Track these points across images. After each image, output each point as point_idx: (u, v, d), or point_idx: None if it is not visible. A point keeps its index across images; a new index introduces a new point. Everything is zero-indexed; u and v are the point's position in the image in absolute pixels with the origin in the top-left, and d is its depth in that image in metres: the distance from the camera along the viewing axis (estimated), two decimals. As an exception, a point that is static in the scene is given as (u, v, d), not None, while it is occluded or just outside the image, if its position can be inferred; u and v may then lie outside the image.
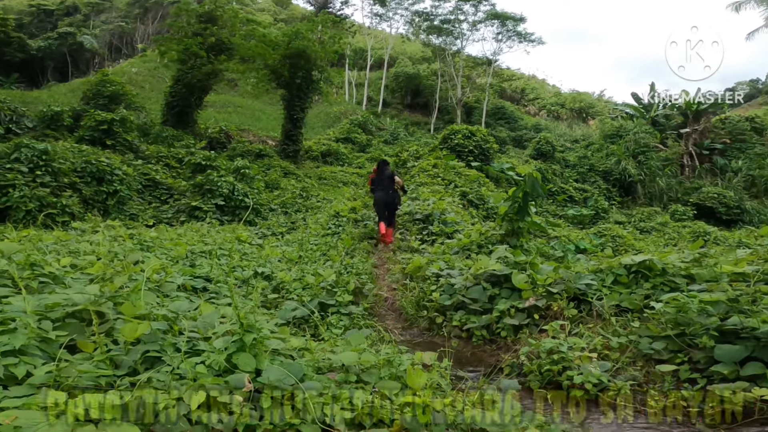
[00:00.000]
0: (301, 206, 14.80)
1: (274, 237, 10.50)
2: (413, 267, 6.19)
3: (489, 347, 4.20)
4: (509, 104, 49.81)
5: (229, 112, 35.19)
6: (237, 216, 11.99)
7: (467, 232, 7.97)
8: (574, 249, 10.86)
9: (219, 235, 8.50)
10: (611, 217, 21.55)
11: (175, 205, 12.16)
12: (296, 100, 22.94)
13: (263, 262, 6.64)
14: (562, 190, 23.88)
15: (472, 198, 13.88)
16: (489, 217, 13.00)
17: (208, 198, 12.18)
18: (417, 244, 8.33)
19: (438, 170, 16.49)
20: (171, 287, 3.83)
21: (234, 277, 5.35)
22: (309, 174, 21.85)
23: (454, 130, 21.76)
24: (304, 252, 7.83)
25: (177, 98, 21.97)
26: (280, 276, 5.58)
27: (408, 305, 5.36)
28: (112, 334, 2.39)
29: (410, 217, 10.27)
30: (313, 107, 29.22)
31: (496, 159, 22.66)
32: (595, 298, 3.95)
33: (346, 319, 4.59)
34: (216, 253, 6.27)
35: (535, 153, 27.52)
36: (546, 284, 4.30)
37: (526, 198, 7.00)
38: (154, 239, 6.88)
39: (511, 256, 5.28)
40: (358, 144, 33.14)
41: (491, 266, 4.87)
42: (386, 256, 8.30)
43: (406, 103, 50.46)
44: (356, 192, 16.28)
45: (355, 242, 8.82)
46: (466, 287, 4.85)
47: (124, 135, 14.83)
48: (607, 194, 25.02)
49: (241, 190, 12.87)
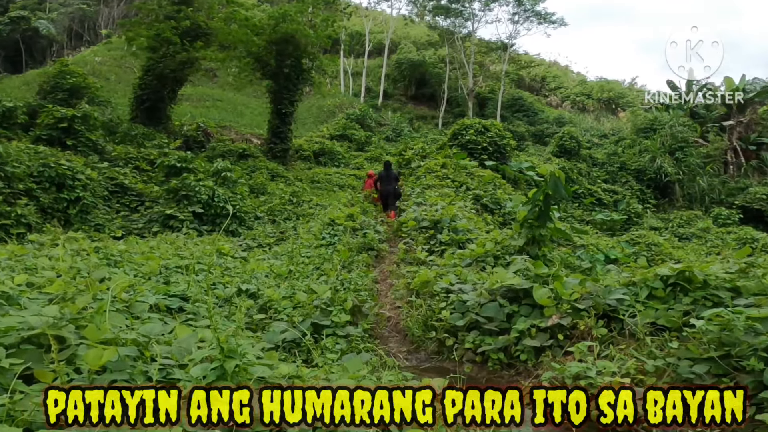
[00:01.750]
0: (290, 213, 14.84)
1: (260, 249, 10.54)
2: (420, 282, 6.22)
3: (507, 372, 4.20)
4: (528, 95, 50.00)
5: (208, 107, 35.35)
6: (217, 225, 12.03)
7: (481, 241, 8.00)
8: (604, 259, 10.86)
9: (197, 248, 8.53)
10: (645, 222, 21.56)
11: (147, 214, 12.18)
12: (284, 93, 23.04)
13: (248, 277, 6.70)
14: (589, 192, 23.90)
15: (487, 202, 13.91)
16: (506, 223, 13.05)
17: (185, 205, 12.21)
18: (424, 256, 8.34)
19: (447, 171, 16.52)
20: (142, 308, 3.83)
21: (214, 296, 5.38)
22: (300, 177, 21.84)
23: (465, 125, 21.85)
24: (295, 266, 7.87)
25: (147, 91, 22.08)
26: (268, 293, 5.62)
27: (414, 325, 5.37)
28: (74, 362, 2.40)
29: (416, 225, 10.28)
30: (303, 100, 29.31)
31: (514, 157, 22.70)
32: (627, 315, 3.96)
33: (343, 342, 4.61)
34: (194, 268, 6.31)
35: (558, 150, 27.57)
36: (571, 300, 4.31)
37: (547, 201, 7.03)
38: (123, 253, 6.92)
39: (531, 268, 5.31)
40: (356, 142, 33.22)
41: (509, 280, 4.90)
42: (389, 269, 8.31)
43: (410, 94, 50.65)
44: (354, 196, 16.29)
45: (353, 254, 8.85)
46: (480, 304, 4.87)
47: (86, 134, 14.88)
48: (640, 196, 25.03)
49: (222, 195, 12.91)
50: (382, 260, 9.46)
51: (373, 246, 9.66)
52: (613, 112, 49.53)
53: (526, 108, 46.06)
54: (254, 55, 22.02)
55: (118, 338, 2.59)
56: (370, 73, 49.35)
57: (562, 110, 49.83)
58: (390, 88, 49.75)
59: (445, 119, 44.37)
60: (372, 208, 14.34)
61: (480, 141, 20.79)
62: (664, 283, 4.11)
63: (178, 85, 23.45)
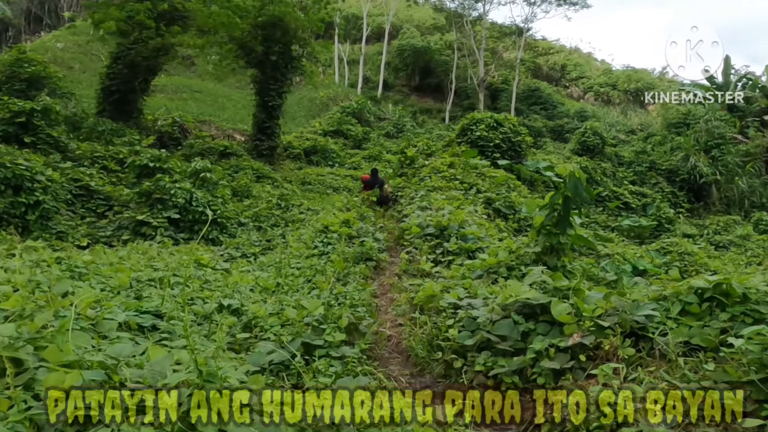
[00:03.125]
0: (278, 219, 14.84)
1: (244, 259, 10.54)
2: (424, 296, 6.22)
3: (522, 398, 4.19)
4: (546, 85, 50.19)
5: (185, 99, 35.42)
6: (196, 233, 12.01)
7: (493, 250, 8.01)
8: (631, 270, 10.88)
9: (172, 258, 8.54)
10: (678, 228, 21.57)
11: (116, 220, 12.17)
12: (271, 83, 23.07)
13: (230, 291, 6.72)
14: (614, 195, 23.92)
15: (500, 206, 13.92)
16: (521, 230, 13.03)
17: (158, 210, 12.18)
18: (429, 267, 8.35)
19: (455, 171, 16.54)
20: (110, 326, 3.84)
21: (192, 312, 5.38)
22: (289, 178, 21.83)
23: (476, 120, 21.89)
24: (284, 278, 7.88)
25: (116, 81, 22.06)
26: (253, 310, 5.63)
27: (418, 345, 5.38)
28: (33, 387, 2.39)
29: (420, 232, 10.31)
30: (293, 92, 29.34)
31: (530, 156, 22.73)
32: (657, 333, 3.96)
33: (337, 364, 4.60)
34: (169, 282, 6.29)
35: (580, 147, 27.63)
36: (594, 316, 4.31)
37: (567, 205, 7.05)
38: (88, 264, 6.90)
39: (549, 281, 5.32)
40: (352, 138, 33.29)
41: (524, 294, 4.90)
42: (390, 282, 8.34)
43: (413, 84, 50.77)
44: (350, 200, 16.31)
45: (349, 265, 8.86)
46: (492, 321, 4.87)
47: (47, 130, 14.88)
48: (672, 199, 25.06)
49: (201, 199, 12.92)
50: (381, 272, 9.46)
51: (372, 256, 9.66)
52: (642, 105, 49.68)
53: (544, 100, 46.23)
54: (237, 40, 22.05)
55: (83, 360, 2.59)
56: (369, 61, 49.52)
57: (584, 103, 50.03)
58: (391, 77, 49.88)
59: (452, 113, 44.51)
60: (371, 213, 14.36)
61: (492, 137, 20.80)
62: (699, 298, 4.10)
63: (151, 75, 23.44)
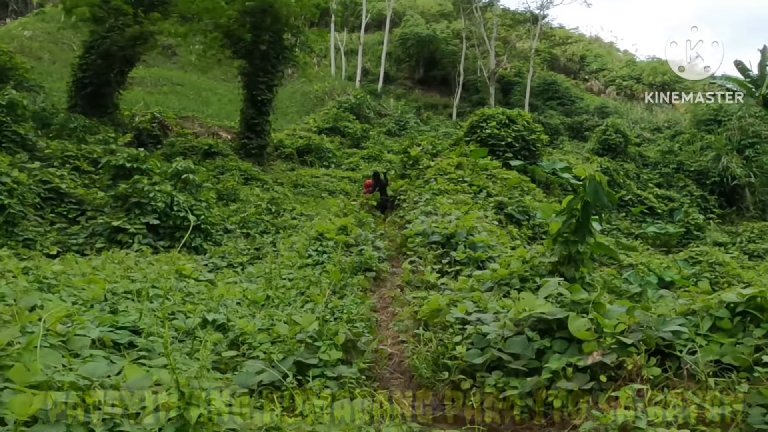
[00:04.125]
0: (268, 225, 14.86)
1: (230, 270, 10.55)
2: (429, 310, 6.24)
3: (537, 422, 4.20)
4: (563, 78, 50.24)
5: (165, 93, 35.43)
6: (177, 240, 12.02)
7: (505, 260, 8.02)
8: (656, 282, 10.88)
9: (151, 268, 8.54)
10: (708, 236, 21.55)
11: (89, 226, 12.18)
12: (261, 75, 23.09)
13: (215, 305, 6.72)
14: (638, 199, 23.94)
15: (512, 211, 13.94)
16: (536, 237, 13.09)
17: (136, 215, 12.19)
18: (434, 278, 8.34)
19: (463, 172, 16.55)
20: (82, 343, 3.85)
21: (173, 328, 5.40)
22: (280, 180, 21.85)
23: (486, 116, 21.92)
24: (274, 291, 7.88)
25: (90, 73, 22.10)
26: (240, 325, 5.63)
27: (422, 364, 5.38)
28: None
29: (424, 240, 10.32)
30: (285, 85, 29.34)
31: (546, 156, 22.73)
32: (685, 351, 3.96)
33: (333, 384, 4.62)
34: (147, 294, 6.31)
35: (601, 147, 27.63)
36: (616, 333, 4.32)
37: (587, 210, 7.05)
38: (59, 275, 6.91)
39: (566, 293, 5.34)
40: (350, 136, 33.34)
41: (539, 308, 4.91)
42: (391, 294, 8.35)
43: (417, 77, 50.83)
44: (347, 204, 16.30)
45: (347, 276, 8.86)
46: (504, 338, 4.89)
47: (13, 126, 14.91)
48: (701, 204, 25.05)
49: (183, 203, 12.94)
50: (382, 283, 9.49)
51: (372, 266, 9.69)
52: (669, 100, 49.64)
53: (561, 95, 46.27)
54: (223, 28, 22.07)
55: (52, 381, 2.59)
56: (368, 51, 49.60)
57: (605, 98, 50.04)
58: (392, 70, 49.94)
59: (460, 108, 44.56)
60: (370, 218, 14.35)
61: (504, 135, 20.82)
62: (731, 312, 4.11)
63: (128, 66, 23.48)
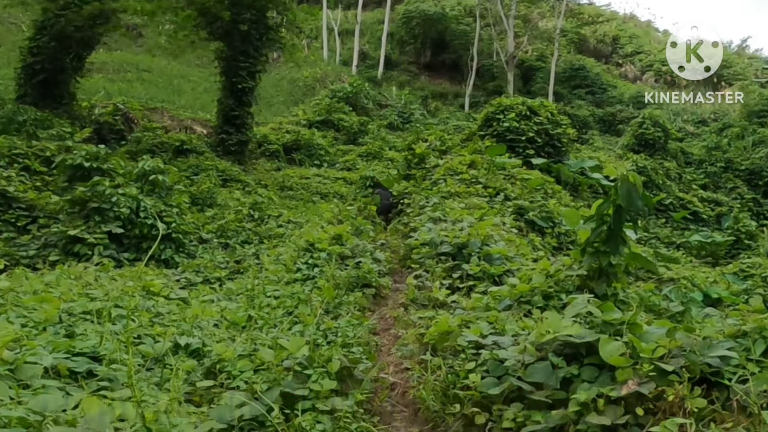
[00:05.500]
0: (251, 234, 14.84)
1: (206, 286, 10.51)
2: (437, 332, 6.18)
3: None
4: (593, 63, 50.27)
5: (130, 81, 35.46)
6: (144, 251, 11.97)
7: (525, 274, 7.99)
8: (701, 299, 10.87)
9: (114, 285, 8.46)
10: (762, 245, 21.47)
11: (41, 236, 12.14)
12: (241, 60, 23.09)
13: (188, 327, 6.68)
14: (680, 203, 23.90)
15: (534, 217, 13.91)
16: (561, 247, 13.11)
17: (96, 223, 12.11)
18: (443, 295, 8.26)
19: (477, 172, 16.50)
20: (33, 371, 3.84)
21: (138, 354, 5.36)
22: (264, 181, 21.87)
23: (504, 107, 21.88)
24: (257, 310, 7.83)
25: (42, 58, 22.07)
26: (217, 350, 5.59)
27: (429, 396, 5.35)
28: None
29: (432, 250, 10.29)
30: (269, 71, 29.43)
31: (573, 153, 22.69)
32: (735, 379, 3.93)
33: (326, 420, 4.58)
34: (109, 315, 6.28)
35: (637, 142, 27.63)
36: (655, 358, 4.28)
37: (620, 216, 7.01)
38: (6, 293, 6.87)
39: (597, 313, 5.27)
40: (345, 130, 33.37)
41: (565, 329, 4.88)
42: (393, 314, 8.31)
43: (423, 62, 50.88)
44: (342, 210, 16.26)
45: (342, 293, 8.82)
46: (525, 365, 4.86)
47: (-49, 121, 14.96)
48: (753, 208, 25.02)
49: (152, 209, 12.88)
50: (383, 301, 9.47)
51: (371, 281, 9.64)
52: (715, 88, 49.66)
53: (591, 82, 46.29)
54: (197, 4, 22.01)
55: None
56: (366, 31, 49.74)
57: (642, 85, 50.04)
58: (395, 53, 50.01)
59: (474, 98, 44.59)
60: (369, 226, 14.31)
61: (524, 129, 20.78)
62: (789, 335, 4.08)
63: (86, 50, 23.50)
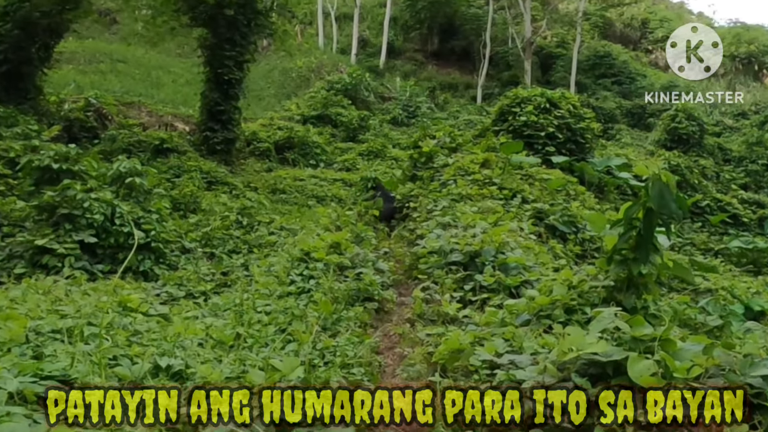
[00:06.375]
0: (239, 243, 14.87)
1: (190, 300, 10.53)
2: (448, 351, 6.18)
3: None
4: (620, 49, 50.18)
5: (104, 72, 35.52)
6: (120, 263, 11.80)
7: (546, 285, 7.97)
8: (743, 312, 10.86)
9: (87, 300, 8.44)
10: (809, 253, 21.43)
11: (6, 246, 12.12)
12: (227, 49, 23.12)
13: (170, 347, 6.62)
14: (718, 205, 23.90)
15: (555, 222, 13.87)
16: (585, 255, 13.05)
17: (67, 231, 12.11)
18: (454, 309, 8.29)
19: (491, 172, 16.44)
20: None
21: (114, 377, 5.24)
22: (253, 183, 21.94)
23: (520, 99, 21.82)
24: (246, 327, 7.83)
25: (5, 47, 22.08)
26: (202, 372, 5.56)
27: (439, 422, 5.21)
28: None
29: (441, 260, 10.27)
30: (259, 61, 29.47)
31: (598, 150, 22.65)
32: (783, 403, 3.92)
33: (323, 451, 4.54)
34: (81, 333, 6.29)
35: (669, 138, 27.71)
36: (691, 378, 4.27)
37: (651, 220, 6.98)
38: (-34, 309, 6.91)
39: (625, 328, 5.24)
40: (344, 126, 33.44)
41: (590, 347, 4.84)
42: (398, 331, 8.32)
43: (430, 49, 51.01)
44: (341, 215, 16.25)
45: (341, 307, 8.80)
46: (545, 386, 4.76)
47: None
48: (801, 210, 24.96)
49: (128, 215, 12.88)
50: (386, 317, 9.45)
51: (373, 294, 9.65)
52: (756, 77, 49.61)
53: (617, 70, 46.21)
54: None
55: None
56: (367, 16, 49.88)
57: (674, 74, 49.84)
58: (398, 40, 50.10)
59: (487, 89, 44.62)
60: (371, 232, 14.27)
61: (544, 124, 20.70)
62: (843, 352, 4.08)
63: (54, 38, 23.57)
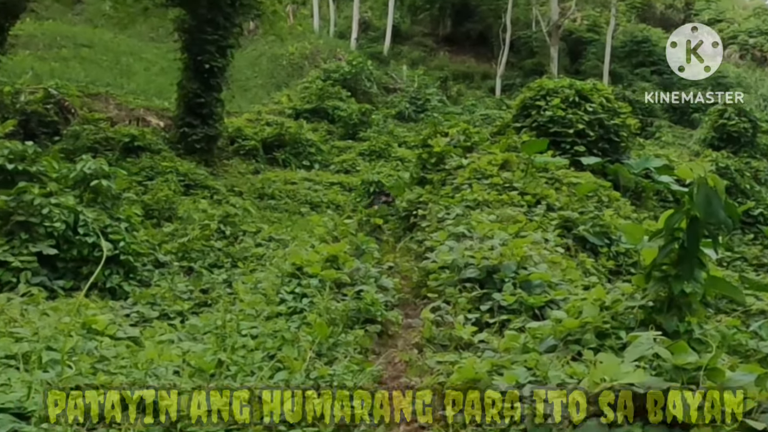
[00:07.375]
0: (221, 256, 15.00)
1: (164, 321, 10.61)
2: (461, 381, 6.13)
3: None
4: (660, 34, 50.12)
5: (66, 59, 35.80)
6: (84, 278, 11.98)
7: (574, 305, 7.91)
8: (802, 337, 10.85)
9: (46, 321, 8.57)
10: None
11: (-47, 260, 12.28)
12: (208, 32, 23.31)
13: (141, 375, 6.70)
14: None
15: (585, 232, 13.86)
16: (620, 272, 13.06)
17: (23, 242, 12.23)
18: (469, 333, 8.31)
19: (512, 175, 16.45)
20: (-57, 431, 3.92)
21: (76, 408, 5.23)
22: (238, 187, 22.15)
23: (546, 90, 21.77)
24: (230, 353, 7.85)
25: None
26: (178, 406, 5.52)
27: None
28: None
29: (454, 276, 10.27)
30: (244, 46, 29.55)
31: (635, 150, 22.64)
32: None
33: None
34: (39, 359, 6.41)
35: (717, 136, 27.98)
36: (741, 412, 4.25)
37: (695, 231, 6.90)
38: None
39: (666, 355, 5.26)
40: (342, 122, 33.69)
41: (625, 377, 4.89)
42: (404, 358, 8.33)
43: (442, 33, 51.27)
44: (339, 224, 16.30)
45: (338, 330, 8.79)
46: (572, 422, 4.82)
47: None
48: None
49: (93, 223, 12.97)
50: (390, 341, 9.45)
51: (375, 315, 9.64)
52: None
53: (657, 59, 46.24)
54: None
55: None
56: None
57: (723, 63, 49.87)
58: (405, 22, 50.35)
59: (507, 79, 44.76)
60: (373, 244, 14.18)
61: (573, 120, 20.64)
62: None
63: (9, 19, 23.88)
